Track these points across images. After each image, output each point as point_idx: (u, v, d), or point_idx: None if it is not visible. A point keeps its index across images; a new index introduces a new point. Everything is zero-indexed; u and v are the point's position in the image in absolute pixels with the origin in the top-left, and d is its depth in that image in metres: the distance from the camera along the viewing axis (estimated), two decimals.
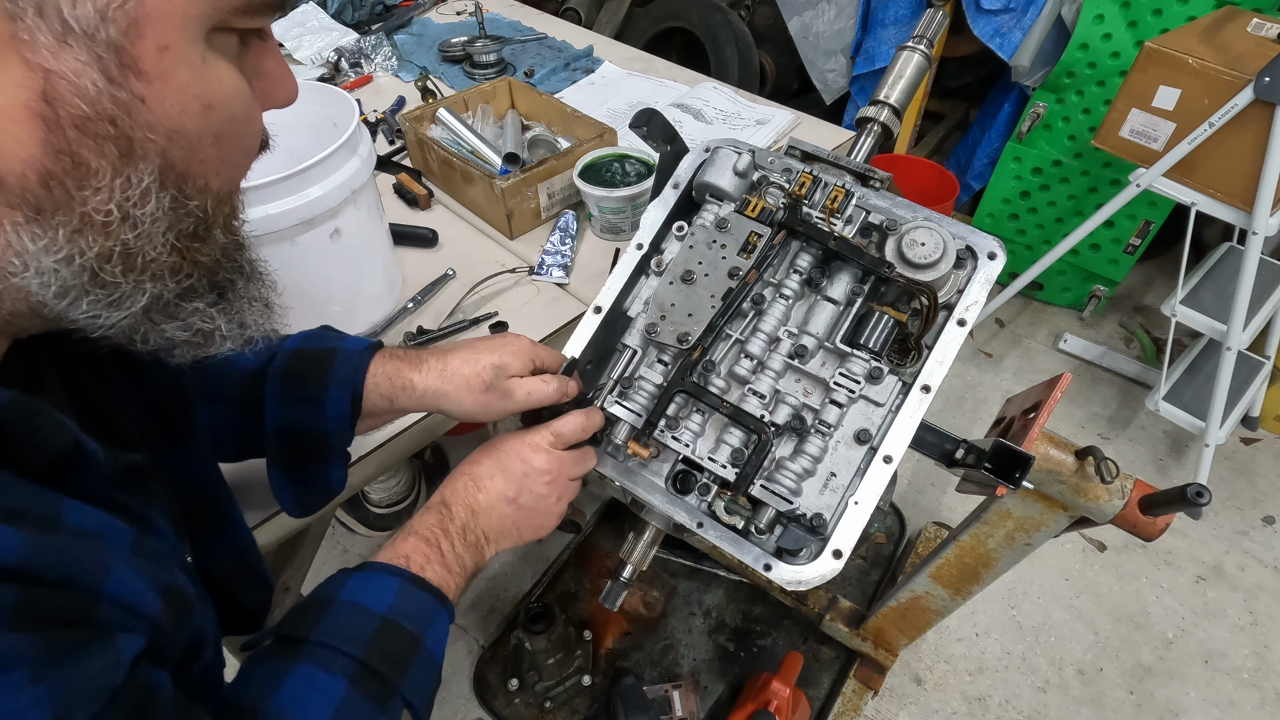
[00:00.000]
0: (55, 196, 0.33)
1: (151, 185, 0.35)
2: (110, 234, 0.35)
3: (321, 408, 0.68)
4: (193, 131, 0.36)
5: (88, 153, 0.33)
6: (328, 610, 0.54)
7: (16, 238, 0.33)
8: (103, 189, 0.34)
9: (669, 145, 0.85)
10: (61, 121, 0.31)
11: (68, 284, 0.35)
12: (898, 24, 2.31)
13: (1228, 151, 1.51)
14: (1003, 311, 2.44)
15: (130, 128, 0.33)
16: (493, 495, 0.66)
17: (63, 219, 0.34)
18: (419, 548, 0.61)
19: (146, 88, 0.33)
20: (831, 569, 0.66)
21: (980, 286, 0.69)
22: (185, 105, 0.35)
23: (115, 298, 0.37)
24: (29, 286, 0.34)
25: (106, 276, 0.36)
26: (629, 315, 0.80)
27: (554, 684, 1.47)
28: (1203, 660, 1.62)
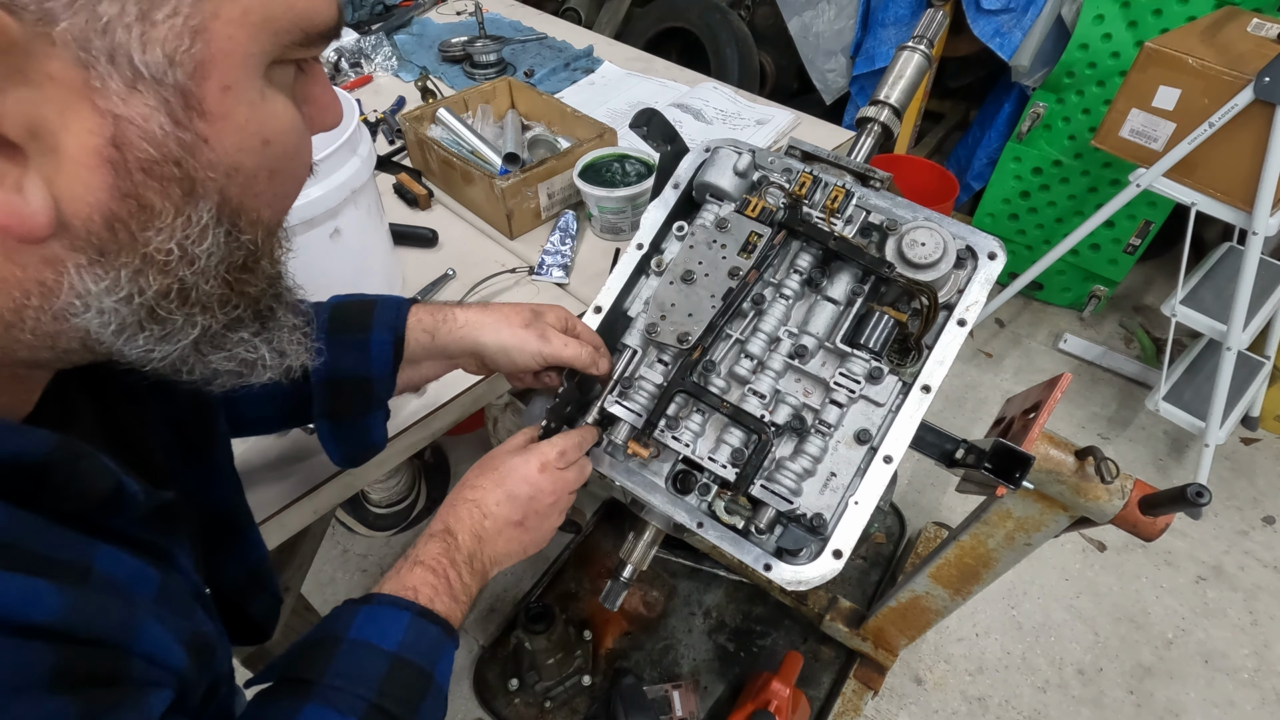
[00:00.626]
0: (119, 239, 0.33)
1: (209, 222, 0.35)
2: (169, 272, 0.35)
3: (366, 351, 0.69)
4: (250, 168, 0.36)
5: (153, 195, 0.33)
6: (337, 650, 0.53)
7: (80, 280, 0.33)
8: (164, 229, 0.34)
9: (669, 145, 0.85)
10: (129, 166, 0.32)
11: (126, 322, 0.35)
12: (898, 24, 2.31)
13: (1228, 151, 1.51)
14: (1003, 311, 2.44)
15: (193, 168, 0.34)
16: (499, 521, 0.66)
17: (125, 260, 0.34)
18: (426, 579, 0.59)
19: (209, 128, 0.33)
20: (831, 569, 0.66)
21: (980, 286, 0.69)
22: (245, 143, 0.35)
23: (168, 332, 0.37)
24: (88, 326, 0.34)
25: (162, 312, 0.36)
26: (629, 315, 0.80)
27: (554, 684, 1.48)
28: (1203, 660, 1.62)
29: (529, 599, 1.65)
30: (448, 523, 0.64)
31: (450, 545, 0.63)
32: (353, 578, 1.80)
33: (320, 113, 0.43)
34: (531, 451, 0.69)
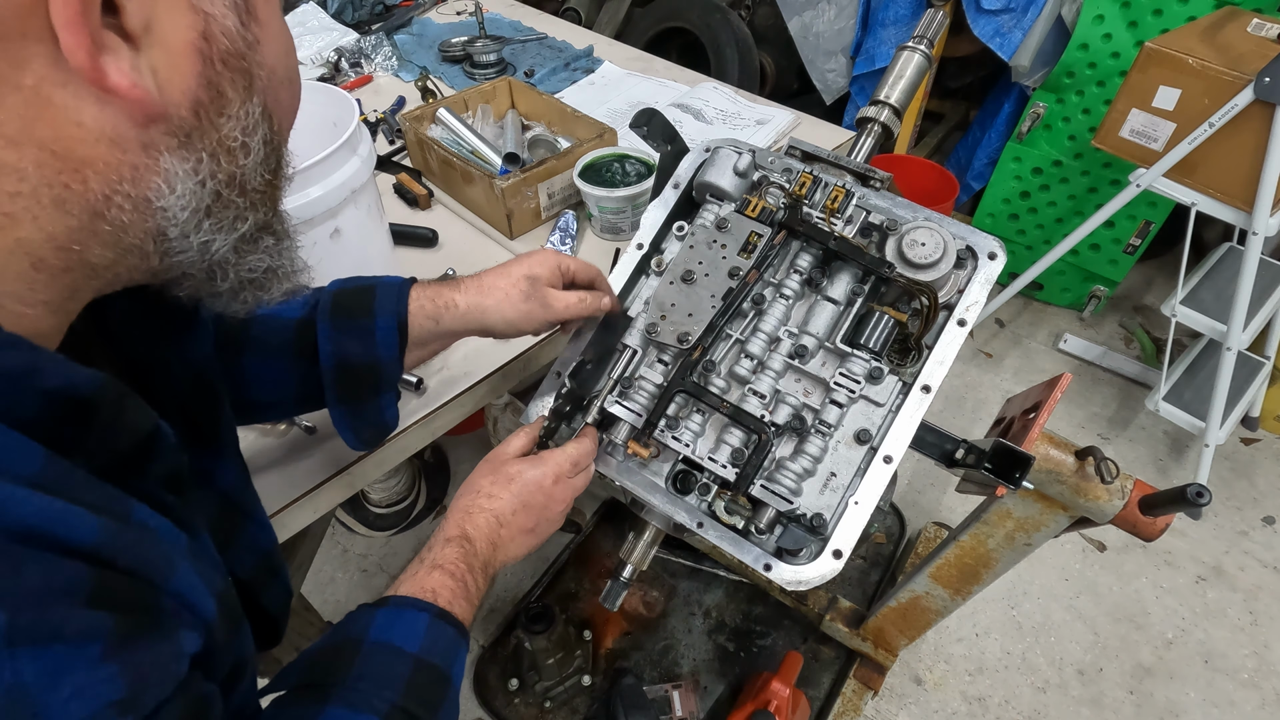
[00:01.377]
0: (202, 124, 0.38)
1: (259, 118, 0.41)
2: (234, 159, 0.41)
3: (371, 337, 0.71)
4: (281, 73, 0.43)
5: (226, 85, 0.39)
6: (358, 653, 0.53)
7: (169, 162, 0.38)
8: (233, 117, 0.40)
9: (669, 145, 0.86)
10: (213, 57, 0.37)
11: (200, 204, 0.40)
12: (898, 24, 2.31)
13: (1228, 151, 1.51)
14: (1003, 311, 2.44)
15: (253, 64, 0.40)
16: (514, 530, 0.67)
17: (204, 144, 0.39)
18: (445, 583, 0.60)
19: (261, 31, 0.40)
20: (831, 569, 0.66)
21: (980, 286, 0.70)
22: (279, 48, 0.42)
23: (224, 221, 0.42)
24: (169, 209, 0.39)
25: (225, 198, 0.41)
26: (629, 315, 0.80)
27: (554, 684, 1.47)
28: (1203, 660, 1.62)
29: (529, 599, 1.65)
30: (465, 529, 0.65)
31: (468, 551, 0.63)
32: (353, 578, 1.80)
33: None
34: (545, 461, 0.69)
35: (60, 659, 0.31)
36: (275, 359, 0.72)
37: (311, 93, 1.02)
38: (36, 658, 0.30)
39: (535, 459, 0.70)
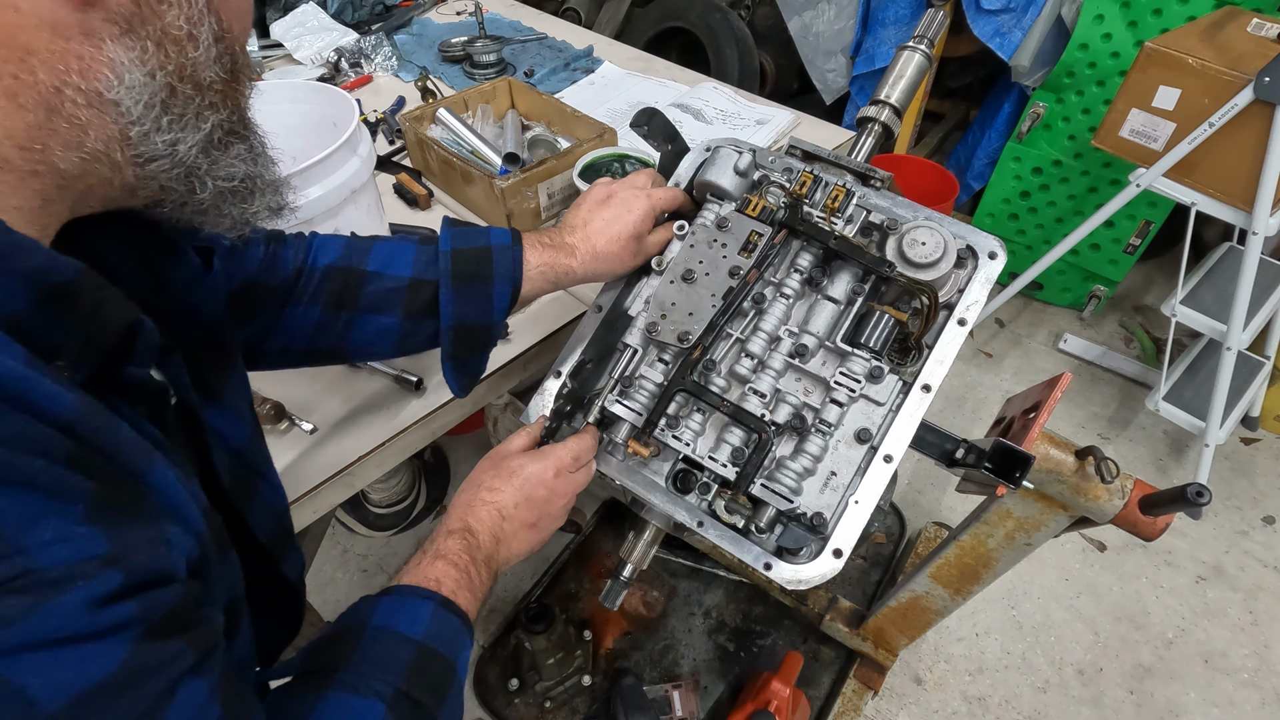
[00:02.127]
0: (142, 11, 0.39)
1: (203, 9, 0.41)
2: (181, 49, 0.41)
3: (489, 303, 0.74)
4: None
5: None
6: (360, 639, 0.53)
7: (113, 50, 0.38)
8: (174, 4, 0.40)
9: (669, 145, 0.86)
10: None
11: (153, 97, 0.40)
12: (898, 24, 2.31)
13: (1228, 151, 1.51)
14: (1003, 311, 2.45)
15: None
16: (516, 524, 0.67)
17: (148, 32, 0.39)
18: (449, 573, 0.60)
19: None
20: (832, 568, 0.66)
21: (980, 286, 0.70)
22: None
23: (184, 116, 0.42)
24: (121, 102, 0.39)
25: (180, 92, 0.41)
26: (629, 314, 0.80)
27: (554, 684, 1.47)
28: (1203, 660, 1.62)
29: (529, 599, 1.65)
30: (468, 522, 0.65)
31: (471, 544, 0.63)
32: (353, 578, 1.80)
33: None
34: (547, 456, 0.69)
35: (37, 505, 0.31)
36: (383, 317, 0.75)
37: (311, 93, 1.02)
38: (11, 498, 0.30)
39: (536, 453, 0.70)
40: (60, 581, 0.31)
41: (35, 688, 0.29)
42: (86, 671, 0.31)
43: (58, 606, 0.30)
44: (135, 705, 0.33)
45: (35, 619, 0.30)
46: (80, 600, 0.31)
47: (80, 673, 0.31)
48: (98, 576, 0.32)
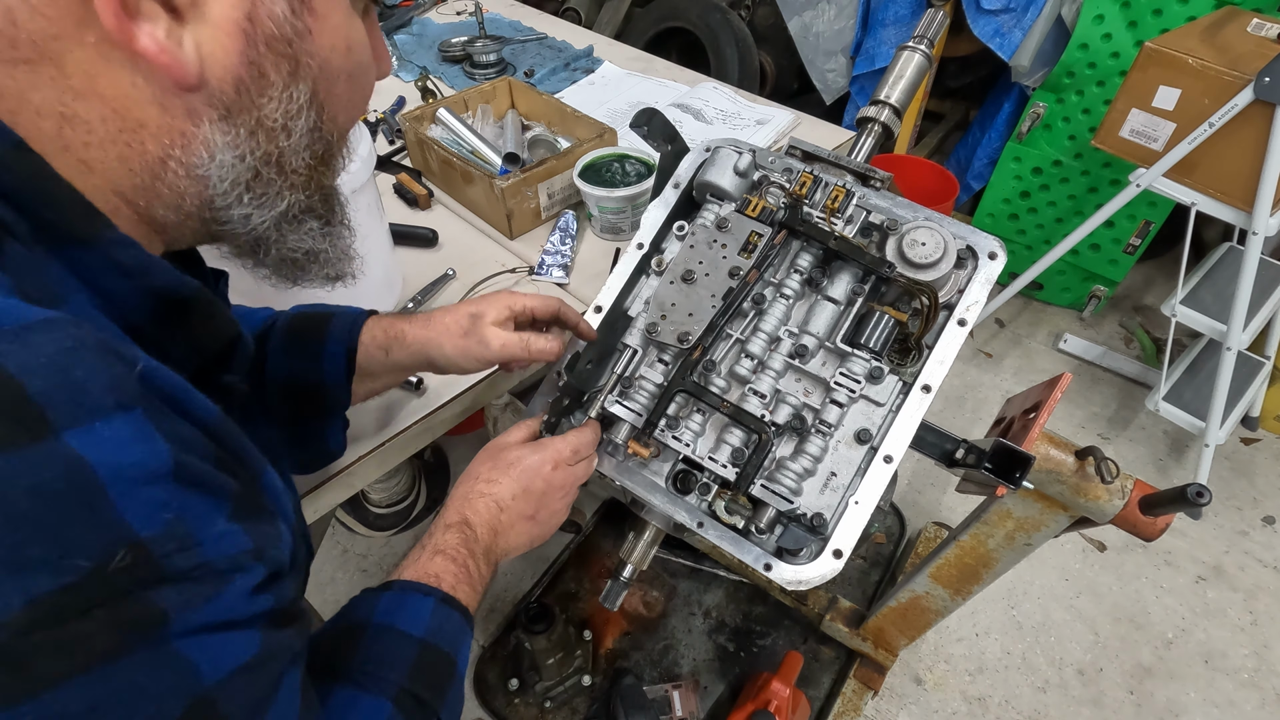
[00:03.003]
0: (242, 101, 0.41)
1: (305, 104, 0.44)
2: (273, 139, 0.43)
3: (319, 361, 0.72)
4: (336, 66, 0.45)
5: (269, 67, 0.41)
6: (363, 637, 0.53)
7: (210, 132, 0.41)
8: (274, 99, 0.42)
9: (669, 145, 0.85)
10: (257, 38, 0.40)
11: (239, 178, 0.43)
12: (898, 24, 2.31)
13: (1228, 151, 1.51)
14: (1003, 311, 2.44)
15: (299, 51, 0.42)
16: (514, 515, 0.67)
17: (244, 120, 0.42)
18: (448, 568, 0.60)
19: (314, 22, 0.42)
20: (832, 569, 0.66)
21: (980, 286, 0.70)
22: (335, 43, 0.44)
23: (264, 197, 0.45)
24: (210, 178, 0.42)
25: (264, 175, 0.44)
26: (629, 315, 0.80)
27: (554, 684, 1.47)
28: (1203, 660, 1.62)
29: (529, 599, 1.65)
30: (465, 515, 0.65)
31: (469, 537, 0.63)
32: (353, 578, 1.80)
33: (378, 58, 0.51)
34: (545, 447, 0.69)
35: (208, 504, 0.35)
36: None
37: None
38: (192, 497, 0.34)
39: (534, 445, 0.70)
40: (226, 573, 0.35)
41: (203, 663, 0.34)
42: (239, 652, 0.36)
43: (228, 595, 0.35)
44: (261, 684, 0.37)
45: (214, 604, 0.34)
46: (241, 590, 0.36)
47: (235, 653, 0.35)
48: (251, 569, 0.37)
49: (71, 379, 0.31)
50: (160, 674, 0.32)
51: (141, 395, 0.33)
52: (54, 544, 0.29)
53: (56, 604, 0.29)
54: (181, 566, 0.33)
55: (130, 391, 0.32)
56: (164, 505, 0.32)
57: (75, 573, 0.29)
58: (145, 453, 0.32)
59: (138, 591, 0.31)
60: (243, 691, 0.36)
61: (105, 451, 0.31)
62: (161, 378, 0.35)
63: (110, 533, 0.31)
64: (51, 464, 0.29)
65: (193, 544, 0.33)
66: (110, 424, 0.31)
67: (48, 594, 0.29)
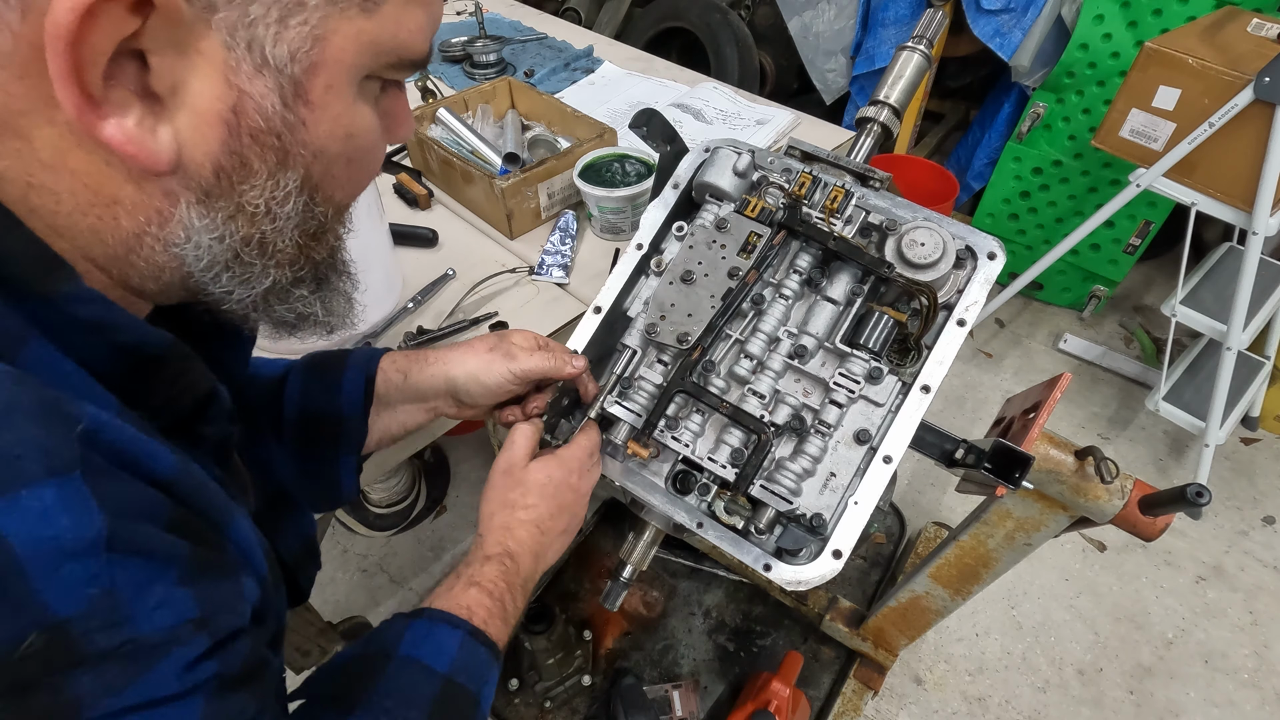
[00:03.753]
0: (222, 186, 0.40)
1: (293, 190, 0.42)
2: (255, 223, 0.42)
3: (338, 390, 0.71)
4: (333, 153, 0.43)
5: (254, 157, 0.39)
6: (386, 668, 0.52)
7: (187, 214, 0.40)
8: (257, 186, 0.40)
9: (669, 145, 0.85)
10: (241, 130, 0.38)
11: (216, 259, 0.42)
12: (898, 24, 2.31)
13: (1228, 151, 1.51)
14: (1003, 311, 2.44)
15: (290, 143, 0.40)
16: (553, 535, 0.67)
17: (223, 205, 0.40)
18: (483, 601, 0.59)
19: (309, 114, 0.40)
20: (831, 569, 0.66)
21: (980, 286, 0.69)
22: (333, 132, 0.42)
23: (247, 277, 0.44)
24: (186, 257, 0.41)
25: (245, 258, 0.43)
26: (629, 315, 0.80)
27: (554, 684, 1.47)
28: (1203, 660, 1.62)
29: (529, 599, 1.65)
30: (507, 546, 0.64)
31: (509, 569, 0.62)
32: (353, 578, 1.80)
33: (396, 125, 0.50)
34: (565, 459, 0.69)
35: (147, 572, 0.33)
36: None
37: None
38: (127, 567, 0.32)
39: (554, 459, 0.69)
40: (159, 647, 0.33)
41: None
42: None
43: (157, 673, 0.33)
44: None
45: (138, 685, 0.32)
46: (175, 665, 0.34)
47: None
48: (190, 641, 0.35)
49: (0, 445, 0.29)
50: None
51: (80, 459, 0.31)
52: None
53: None
54: (104, 646, 0.31)
55: (65, 456, 0.31)
56: (90, 579, 0.31)
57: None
58: (73, 523, 0.30)
59: (48, 679, 0.29)
60: None
61: (26, 524, 0.29)
62: (110, 435, 0.33)
63: (23, 616, 0.29)
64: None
65: (121, 619, 0.32)
66: (37, 493, 0.30)
67: None
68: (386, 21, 0.40)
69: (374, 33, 0.40)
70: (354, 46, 0.40)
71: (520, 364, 0.71)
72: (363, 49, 0.40)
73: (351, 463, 0.74)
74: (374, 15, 0.40)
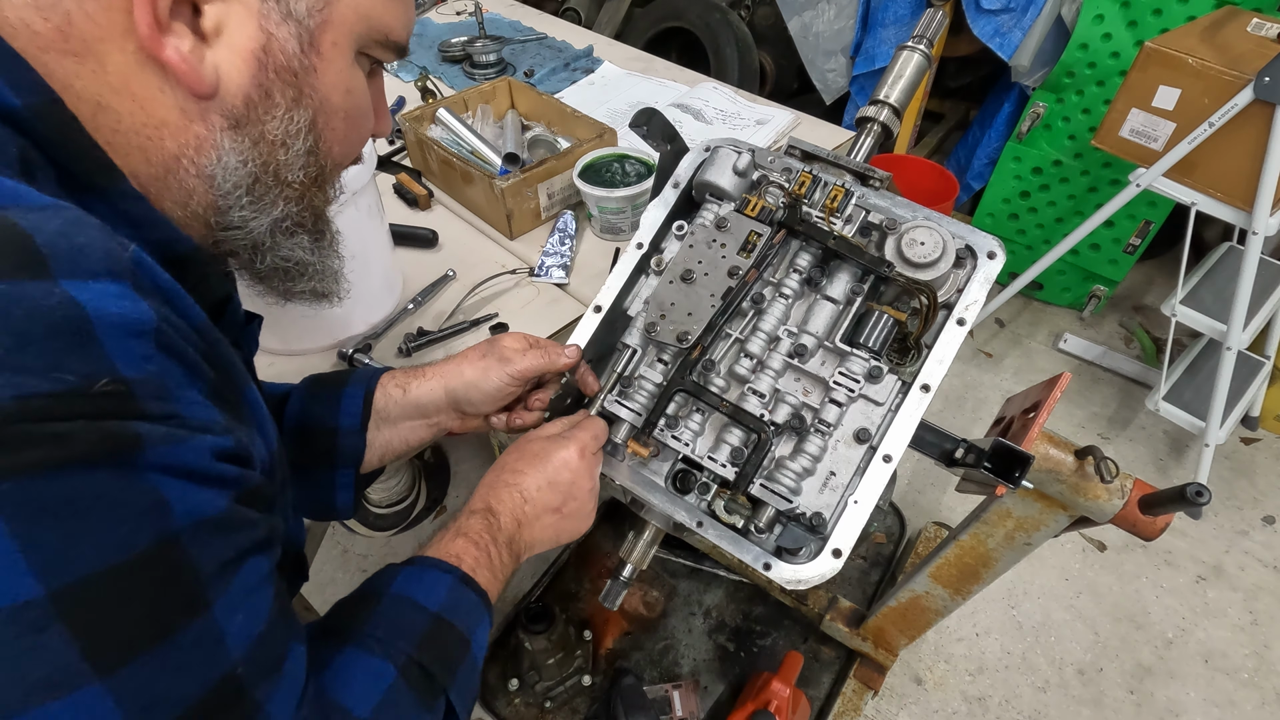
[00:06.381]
0: (250, 115, 0.47)
1: (304, 127, 0.50)
2: (273, 151, 0.49)
3: (337, 404, 0.73)
4: (335, 103, 0.51)
5: (276, 91, 0.47)
6: (377, 605, 0.54)
7: (219, 139, 0.47)
8: (277, 119, 0.48)
9: (669, 145, 0.86)
10: (268, 66, 0.46)
11: (239, 182, 0.49)
12: (898, 24, 2.31)
13: (1228, 151, 1.51)
14: (1003, 311, 2.44)
15: (304, 83, 0.49)
16: (539, 507, 0.68)
17: (249, 132, 0.48)
18: (469, 550, 0.61)
19: (319, 62, 0.49)
20: (831, 568, 0.66)
21: (980, 286, 0.69)
22: (336, 83, 0.50)
23: (261, 203, 0.50)
24: (216, 177, 0.48)
25: (262, 182, 0.50)
26: (629, 314, 0.80)
27: (554, 684, 1.47)
28: (1203, 660, 1.62)
29: (529, 599, 1.65)
30: (489, 502, 0.66)
31: (492, 524, 0.64)
32: (353, 578, 1.80)
33: (377, 114, 0.57)
34: (570, 438, 0.69)
35: (185, 376, 0.38)
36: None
37: None
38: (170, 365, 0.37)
39: (559, 437, 0.70)
40: (198, 430, 0.38)
41: (173, 501, 0.36)
42: (205, 506, 0.38)
43: (194, 445, 0.37)
44: (224, 549, 0.39)
45: (180, 449, 0.36)
46: (208, 446, 0.38)
47: (202, 505, 0.37)
48: (221, 435, 0.39)
49: (74, 243, 0.35)
50: (132, 496, 0.34)
51: (131, 272, 0.37)
52: (46, 357, 0.32)
53: (43, 404, 0.31)
54: (156, 412, 0.35)
55: (123, 266, 0.36)
56: (146, 358, 0.35)
57: (63, 384, 0.32)
58: (132, 309, 0.35)
59: (117, 416, 0.34)
60: (210, 546, 0.38)
61: (98, 301, 0.34)
62: (153, 269, 0.39)
63: (97, 364, 0.33)
64: (49, 297, 0.33)
65: (169, 396, 0.36)
66: (102, 283, 0.35)
67: (36, 394, 0.31)
68: (376, 2, 0.50)
69: (369, 7, 0.50)
70: (353, 15, 0.49)
71: (516, 365, 0.73)
72: (360, 18, 0.50)
73: (349, 477, 0.75)
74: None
